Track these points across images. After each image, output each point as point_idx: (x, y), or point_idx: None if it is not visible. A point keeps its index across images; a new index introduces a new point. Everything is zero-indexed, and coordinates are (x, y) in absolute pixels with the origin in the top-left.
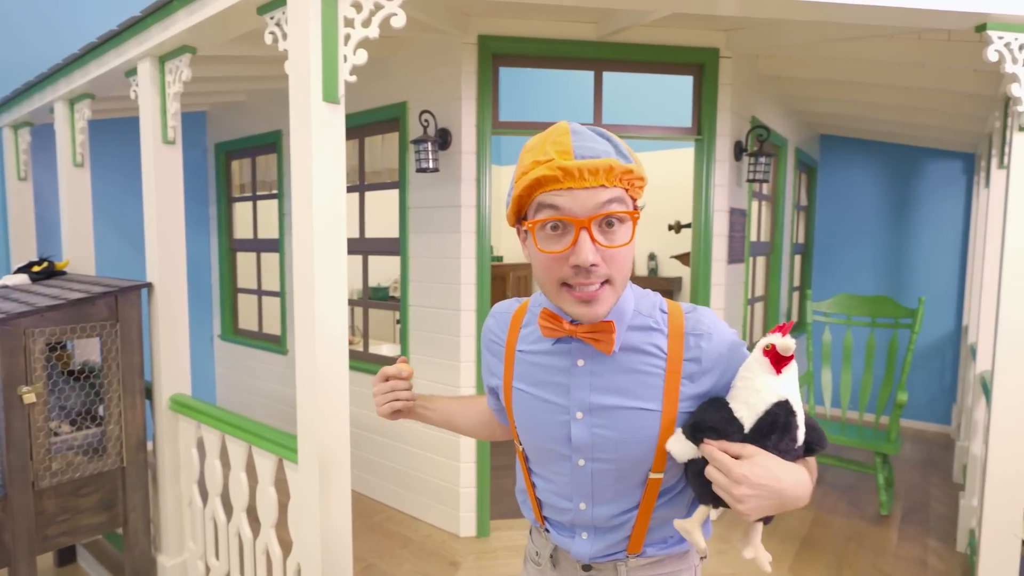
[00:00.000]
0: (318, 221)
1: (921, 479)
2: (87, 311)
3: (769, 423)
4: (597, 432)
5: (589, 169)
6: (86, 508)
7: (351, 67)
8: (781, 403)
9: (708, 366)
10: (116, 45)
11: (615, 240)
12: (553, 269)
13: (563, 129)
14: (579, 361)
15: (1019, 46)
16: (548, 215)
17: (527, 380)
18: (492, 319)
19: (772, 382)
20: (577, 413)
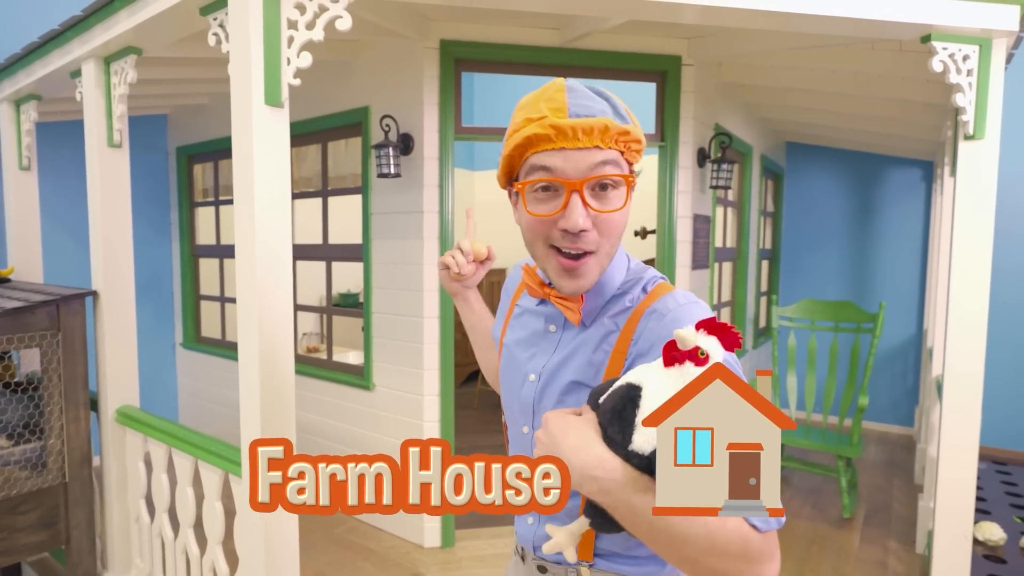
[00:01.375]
0: (260, 226)
1: (884, 481)
2: (26, 320)
3: (607, 398)
4: (543, 404)
5: (583, 128)
6: (24, 526)
7: (295, 70)
8: (633, 386)
9: (644, 347)
10: (60, 45)
11: (608, 205)
12: (541, 232)
13: (558, 85)
14: (551, 327)
15: (963, 57)
16: (539, 176)
17: (512, 336)
18: (512, 271)
19: (646, 367)
20: (530, 375)
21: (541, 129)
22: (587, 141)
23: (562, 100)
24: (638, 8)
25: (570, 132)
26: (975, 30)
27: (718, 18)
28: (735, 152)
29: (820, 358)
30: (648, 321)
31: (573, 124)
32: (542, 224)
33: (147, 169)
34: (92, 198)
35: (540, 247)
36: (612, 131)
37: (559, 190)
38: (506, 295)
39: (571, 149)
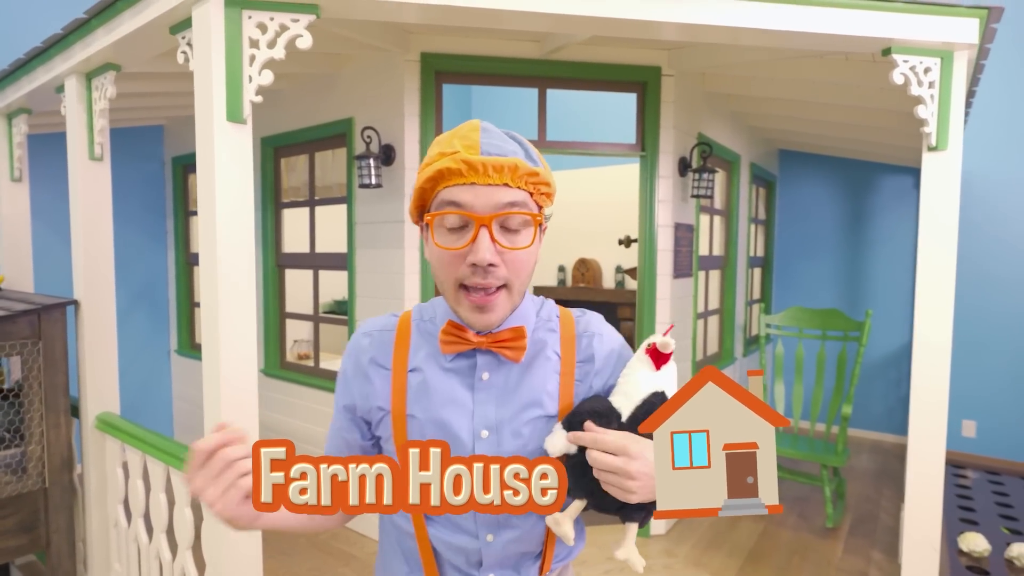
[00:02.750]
0: (221, 240)
1: (873, 491)
2: (7, 329)
3: (645, 411)
4: (504, 449)
5: (494, 166)
6: (4, 531)
7: (256, 87)
8: (658, 393)
9: (599, 366)
10: (44, 61)
11: (516, 242)
12: (451, 267)
13: (473, 125)
14: (484, 375)
15: (924, 69)
16: (449, 210)
17: (424, 405)
18: (367, 338)
19: (652, 376)
20: (482, 432)
21: (453, 163)
22: (497, 178)
23: (475, 139)
24: (618, 27)
25: (480, 168)
26: (936, 43)
27: (693, 34)
28: (721, 161)
29: (808, 366)
30: (590, 343)
31: (484, 160)
32: (453, 258)
33: (143, 178)
34: (74, 210)
35: (450, 286)
36: (521, 171)
37: (468, 225)
38: (376, 368)
39: (481, 185)
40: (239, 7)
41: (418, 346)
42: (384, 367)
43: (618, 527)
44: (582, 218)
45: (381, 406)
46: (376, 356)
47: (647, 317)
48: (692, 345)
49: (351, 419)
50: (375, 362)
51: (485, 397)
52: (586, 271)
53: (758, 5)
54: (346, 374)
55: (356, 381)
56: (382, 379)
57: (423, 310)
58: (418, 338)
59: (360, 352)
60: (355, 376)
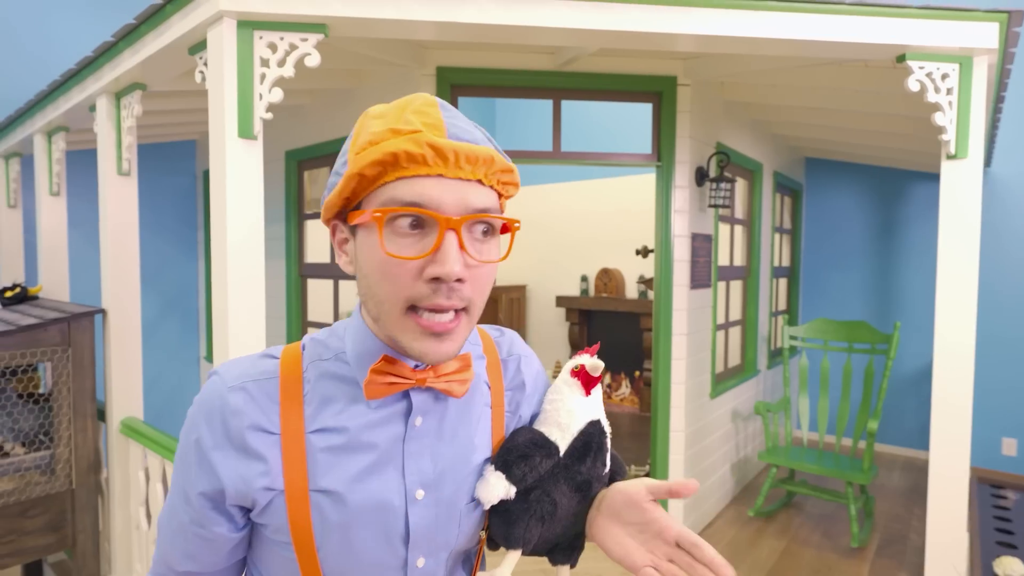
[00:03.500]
0: (232, 252)
1: (904, 510)
2: (39, 336)
3: (583, 444)
4: (444, 511)
5: (468, 156)
6: (33, 530)
7: (267, 105)
8: (594, 423)
9: (529, 392)
10: (78, 82)
11: (486, 253)
12: (400, 282)
13: (430, 100)
14: (417, 420)
15: (941, 75)
16: (411, 207)
17: (336, 474)
18: (239, 394)
19: (584, 403)
20: (417, 493)
21: (414, 147)
22: (469, 172)
23: (437, 116)
24: (633, 39)
25: (451, 156)
26: (953, 49)
27: (707, 45)
28: (741, 170)
29: (834, 380)
30: (518, 367)
31: (456, 148)
32: (406, 272)
33: (176, 191)
34: (103, 223)
35: (396, 306)
36: (497, 165)
37: (429, 228)
38: (256, 435)
39: (450, 179)
40: (251, 28)
41: (319, 395)
42: (270, 432)
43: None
44: (605, 228)
45: (269, 486)
46: (256, 419)
47: (663, 328)
48: (711, 357)
49: (214, 509)
50: (257, 427)
51: (418, 448)
52: (608, 281)
53: (769, 15)
54: (203, 447)
55: (225, 457)
56: (269, 449)
57: (320, 345)
58: (319, 385)
59: (229, 414)
60: (222, 449)
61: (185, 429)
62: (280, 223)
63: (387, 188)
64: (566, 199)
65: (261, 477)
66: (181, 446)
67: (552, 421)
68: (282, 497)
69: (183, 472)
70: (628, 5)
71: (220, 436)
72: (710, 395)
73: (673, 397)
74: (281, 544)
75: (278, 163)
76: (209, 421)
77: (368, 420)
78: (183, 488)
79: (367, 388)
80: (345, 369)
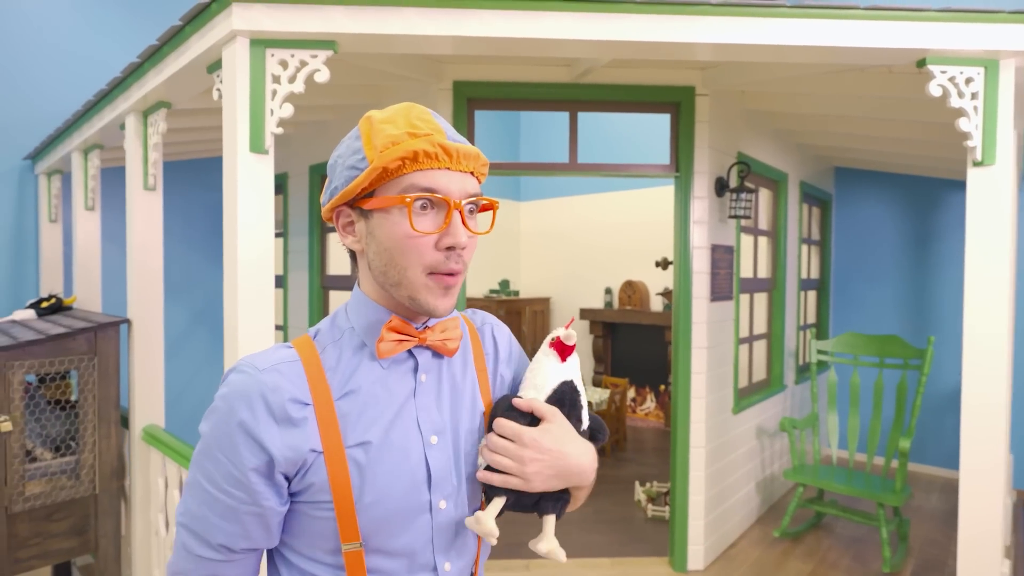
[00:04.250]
0: (243, 263)
1: (942, 534)
2: (67, 345)
3: (557, 399)
4: (457, 451)
5: (465, 153)
6: (58, 533)
7: (277, 120)
8: (567, 382)
9: (504, 355)
10: (110, 101)
11: (478, 227)
12: (424, 253)
13: (423, 109)
14: (422, 376)
15: (965, 79)
16: (428, 194)
17: (362, 428)
18: (272, 374)
19: (559, 367)
20: (432, 438)
21: (430, 147)
22: (466, 166)
23: (436, 123)
24: (651, 50)
25: (455, 154)
26: (977, 51)
27: (723, 54)
28: (765, 180)
29: (864, 396)
30: (493, 334)
31: (457, 147)
32: (424, 242)
33: (206, 206)
34: (129, 235)
35: (418, 272)
36: (482, 160)
37: (439, 208)
38: (295, 407)
39: (454, 171)
40: (263, 46)
41: (339, 366)
42: (304, 402)
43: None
44: (630, 240)
45: (314, 448)
46: (293, 392)
47: (682, 341)
48: (734, 371)
49: (266, 483)
50: (295, 400)
51: (426, 401)
52: (633, 293)
53: (785, 22)
54: (248, 427)
55: (271, 431)
56: (307, 418)
57: (329, 329)
58: (335, 359)
59: (268, 392)
60: (267, 425)
61: (219, 418)
62: (304, 236)
63: (405, 178)
64: (590, 211)
65: (304, 442)
66: (216, 436)
67: (530, 385)
68: (322, 458)
69: (228, 456)
70: (645, 15)
71: (263, 413)
72: (733, 410)
73: (693, 412)
74: (321, 506)
75: (303, 177)
76: (250, 403)
77: (383, 379)
78: (229, 472)
79: (380, 347)
80: (356, 341)
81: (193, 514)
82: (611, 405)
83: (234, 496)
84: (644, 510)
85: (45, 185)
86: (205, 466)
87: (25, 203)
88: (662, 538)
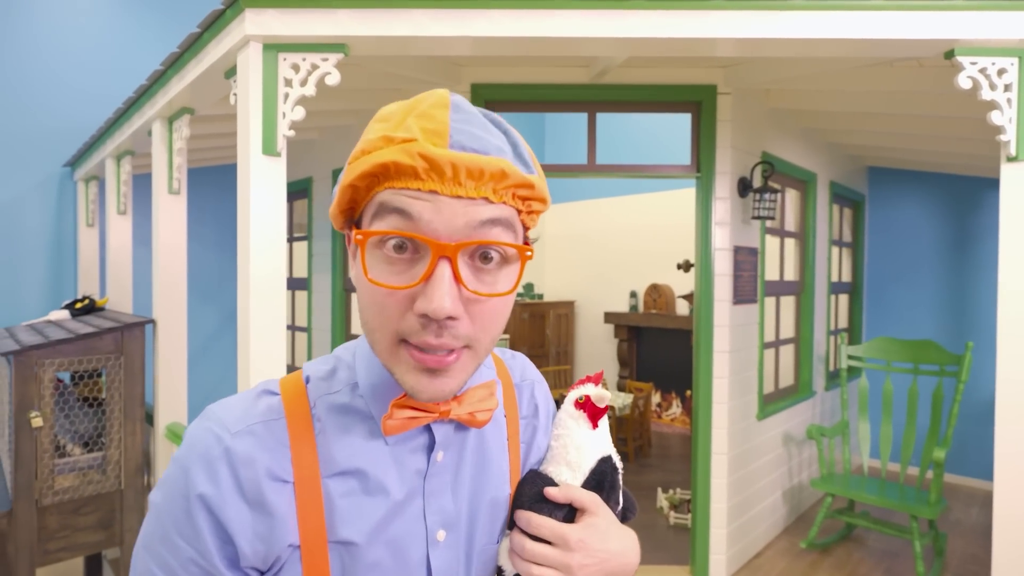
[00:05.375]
0: (255, 263)
1: (982, 550)
2: (95, 344)
3: (596, 483)
4: (466, 551)
5: (469, 169)
6: (85, 526)
7: (289, 123)
8: (605, 459)
9: (543, 422)
10: (138, 108)
11: (491, 285)
12: (388, 314)
13: (441, 100)
14: (438, 455)
15: (997, 70)
16: (392, 226)
17: (359, 522)
18: (247, 439)
19: (592, 437)
20: (439, 533)
21: (405, 157)
22: (472, 189)
23: (443, 120)
24: (672, 46)
25: (449, 170)
26: (1011, 41)
27: (747, 49)
28: (792, 180)
29: (898, 404)
30: (532, 393)
31: (455, 160)
32: (392, 301)
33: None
34: (155, 238)
35: (386, 337)
36: (511, 180)
37: (421, 252)
38: (270, 484)
39: (447, 196)
40: (275, 50)
41: (332, 434)
42: (284, 480)
43: None
44: (655, 242)
45: (291, 542)
46: (270, 466)
47: (703, 345)
48: (759, 377)
49: (232, 573)
50: (272, 476)
51: (439, 485)
52: (658, 297)
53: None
54: (208, 504)
55: (239, 513)
56: (285, 501)
57: (327, 378)
58: (330, 422)
59: (240, 465)
60: (234, 505)
61: (172, 489)
62: (327, 239)
63: (378, 198)
64: (615, 214)
65: (279, 533)
66: (172, 513)
67: (561, 459)
68: (297, 552)
69: (188, 540)
70: (658, 11)
71: (230, 490)
72: (757, 416)
73: (715, 417)
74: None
75: (326, 181)
76: (212, 474)
77: (387, 459)
78: (191, 559)
79: (386, 425)
80: (359, 402)
81: None
82: (635, 410)
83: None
84: (666, 517)
85: (83, 191)
86: (160, 554)
87: (65, 208)
88: (684, 546)
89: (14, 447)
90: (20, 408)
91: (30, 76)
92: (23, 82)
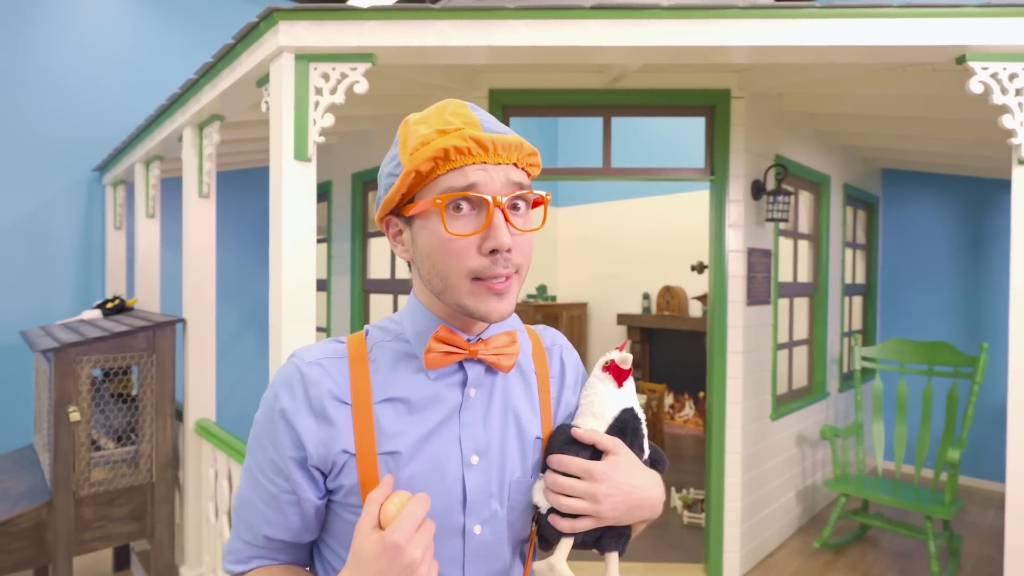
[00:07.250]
0: (287, 265)
1: (997, 551)
2: (128, 342)
3: (619, 430)
4: (496, 476)
5: (502, 144)
6: (119, 517)
7: (319, 129)
8: (628, 409)
9: (571, 381)
10: (169, 115)
11: (526, 223)
12: (462, 257)
13: (460, 103)
14: (471, 391)
15: (1008, 75)
16: (465, 191)
17: (401, 439)
18: (316, 368)
19: (616, 393)
20: (472, 458)
21: (461, 141)
22: (505, 157)
23: (471, 115)
24: (687, 54)
25: (490, 146)
26: (1022, 46)
27: (761, 56)
28: (806, 182)
29: (912, 405)
30: (560, 355)
31: (493, 138)
32: (465, 248)
33: (259, 214)
34: (185, 240)
35: (461, 278)
36: (525, 150)
37: (478, 209)
38: (332, 403)
39: (492, 164)
40: (307, 60)
41: (383, 370)
42: (343, 402)
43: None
44: (668, 245)
45: (346, 448)
46: (332, 388)
47: (717, 346)
48: (772, 377)
49: (304, 475)
50: (333, 396)
51: (472, 417)
52: (671, 299)
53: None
54: (288, 416)
55: (308, 422)
56: (343, 417)
57: (382, 330)
58: (381, 361)
59: (310, 385)
60: (304, 416)
61: (266, 405)
62: (346, 241)
63: (441, 180)
64: (628, 216)
65: (339, 441)
66: (263, 422)
67: (588, 412)
68: (353, 460)
69: (272, 443)
70: (673, 20)
71: (302, 404)
72: (771, 416)
73: (728, 417)
74: (351, 509)
75: (345, 185)
76: (291, 392)
77: (428, 390)
78: (272, 459)
79: (427, 358)
80: (406, 347)
81: (244, 499)
82: (648, 411)
83: (276, 484)
84: (680, 516)
85: (111, 195)
86: (255, 453)
87: (93, 211)
88: (697, 545)
89: (53, 440)
90: (59, 403)
91: (59, 84)
92: (53, 89)
